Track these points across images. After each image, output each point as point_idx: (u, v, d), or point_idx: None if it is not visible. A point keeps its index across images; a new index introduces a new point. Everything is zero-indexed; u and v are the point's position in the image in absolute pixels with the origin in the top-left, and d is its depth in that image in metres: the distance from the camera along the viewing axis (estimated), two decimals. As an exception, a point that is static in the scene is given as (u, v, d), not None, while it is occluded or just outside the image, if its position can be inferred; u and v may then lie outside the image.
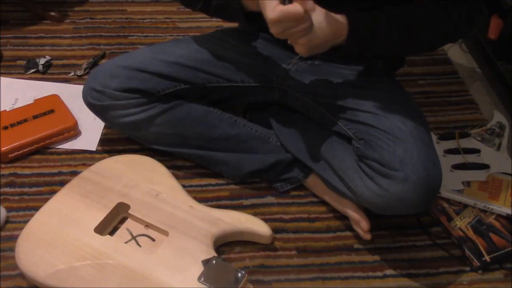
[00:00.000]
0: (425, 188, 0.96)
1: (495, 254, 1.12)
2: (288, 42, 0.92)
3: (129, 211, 1.09)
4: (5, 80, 1.44)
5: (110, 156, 1.21)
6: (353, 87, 1.11)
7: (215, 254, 1.02)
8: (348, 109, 1.08)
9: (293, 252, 1.12)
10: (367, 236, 1.11)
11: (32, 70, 1.48)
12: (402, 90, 1.17)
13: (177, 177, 1.18)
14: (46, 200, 1.09)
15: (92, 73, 1.17)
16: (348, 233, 1.16)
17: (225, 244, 1.11)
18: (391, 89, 1.13)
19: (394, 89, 1.15)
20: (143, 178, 1.14)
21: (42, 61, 1.49)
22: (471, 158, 1.28)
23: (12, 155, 1.23)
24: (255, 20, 0.98)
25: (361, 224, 1.10)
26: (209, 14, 1.10)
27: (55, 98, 1.35)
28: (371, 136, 1.02)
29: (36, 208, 1.08)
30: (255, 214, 1.14)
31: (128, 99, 1.12)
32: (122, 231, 1.08)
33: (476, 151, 1.30)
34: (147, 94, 1.13)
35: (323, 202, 1.21)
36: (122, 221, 1.11)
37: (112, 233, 1.08)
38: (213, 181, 1.24)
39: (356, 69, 1.15)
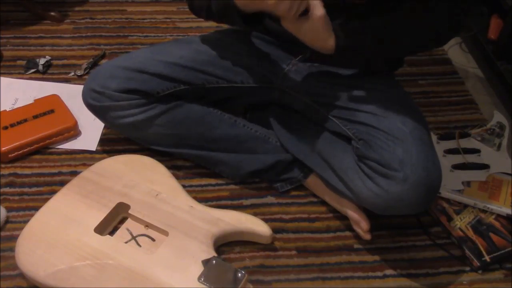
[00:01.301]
0: (425, 188, 0.96)
1: (495, 254, 1.12)
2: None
3: (129, 211, 1.09)
4: (5, 80, 1.44)
5: (110, 156, 1.21)
6: (352, 87, 1.11)
7: (215, 254, 1.02)
8: (347, 109, 1.08)
9: (293, 252, 1.12)
10: (367, 236, 1.11)
11: (32, 70, 1.48)
12: (401, 90, 1.17)
13: (177, 177, 1.18)
14: (46, 200, 1.09)
15: (92, 74, 1.17)
16: (348, 233, 1.16)
17: (225, 244, 1.11)
18: (390, 89, 1.13)
19: (393, 89, 1.15)
20: (143, 178, 1.14)
21: (42, 61, 1.49)
22: (471, 158, 1.28)
23: (12, 155, 1.23)
24: (255, 23, 0.99)
25: (361, 224, 1.10)
26: (216, 21, 1.10)
27: (55, 98, 1.35)
28: (370, 137, 1.02)
29: (36, 208, 1.08)
30: (255, 214, 1.14)
31: (127, 100, 1.12)
32: (122, 231, 1.08)
33: (476, 151, 1.30)
34: (146, 95, 1.13)
35: (323, 202, 1.21)
36: (122, 221, 1.11)
37: (112, 233, 1.08)
38: (213, 181, 1.24)
39: (355, 70, 1.15)
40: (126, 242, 1.06)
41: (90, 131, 1.33)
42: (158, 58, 1.13)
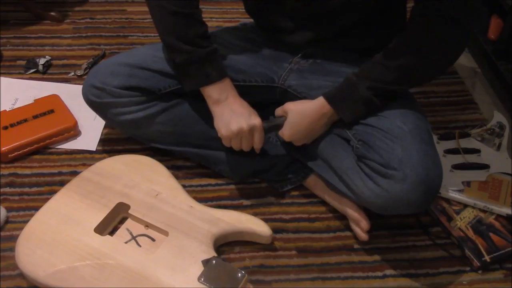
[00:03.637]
0: (425, 187, 0.96)
1: (495, 254, 1.12)
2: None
3: (129, 211, 1.09)
4: (5, 80, 1.44)
5: (110, 156, 1.21)
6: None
7: (215, 254, 1.02)
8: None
9: (293, 252, 1.12)
10: (365, 237, 1.11)
11: (32, 70, 1.48)
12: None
13: (177, 177, 1.18)
14: (46, 200, 1.09)
15: (93, 70, 1.17)
16: (348, 233, 1.16)
17: (225, 244, 1.11)
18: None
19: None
20: (143, 178, 1.14)
21: (42, 61, 1.49)
22: (471, 158, 1.28)
23: (12, 155, 1.23)
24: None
25: (361, 224, 1.10)
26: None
27: (55, 98, 1.35)
28: (370, 136, 1.01)
29: (36, 208, 1.08)
30: (255, 214, 1.14)
31: (128, 96, 1.12)
32: (122, 231, 1.08)
33: (476, 151, 1.30)
34: (148, 92, 1.12)
35: (323, 202, 1.21)
36: (122, 221, 1.11)
37: (112, 233, 1.08)
38: (213, 181, 1.24)
39: (357, 68, 1.15)
40: (126, 242, 1.06)
41: (90, 131, 1.33)
42: (160, 55, 1.13)
